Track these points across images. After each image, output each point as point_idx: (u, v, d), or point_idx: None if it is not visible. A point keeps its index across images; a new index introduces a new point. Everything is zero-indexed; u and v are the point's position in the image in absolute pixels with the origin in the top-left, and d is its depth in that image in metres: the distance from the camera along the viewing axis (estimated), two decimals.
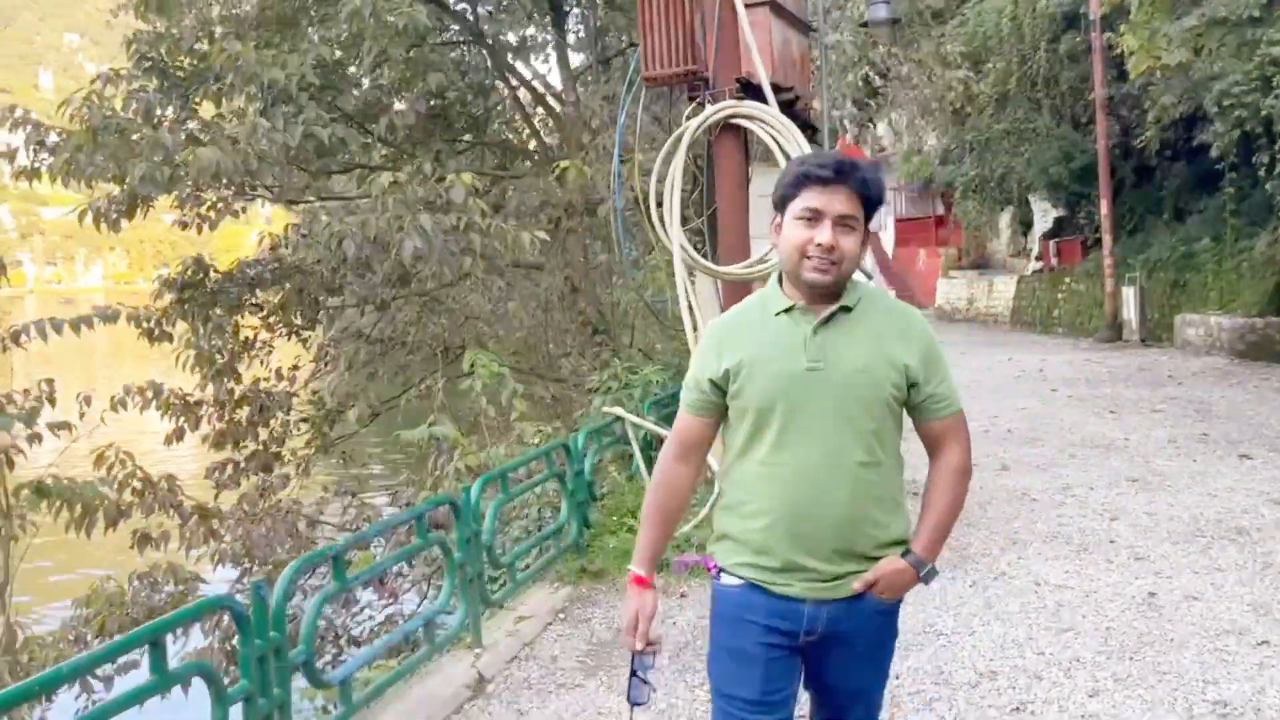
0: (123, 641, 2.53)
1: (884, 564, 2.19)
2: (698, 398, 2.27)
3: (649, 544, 2.30)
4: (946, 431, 2.25)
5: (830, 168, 2.11)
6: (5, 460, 4.18)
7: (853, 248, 2.14)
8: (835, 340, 2.15)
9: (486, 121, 10.35)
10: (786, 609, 2.17)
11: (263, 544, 7.00)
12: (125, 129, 7.33)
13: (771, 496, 2.15)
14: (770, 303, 2.22)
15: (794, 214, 2.14)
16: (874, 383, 2.14)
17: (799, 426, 2.13)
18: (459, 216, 7.08)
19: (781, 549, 2.15)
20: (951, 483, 2.26)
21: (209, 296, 8.95)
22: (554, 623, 4.94)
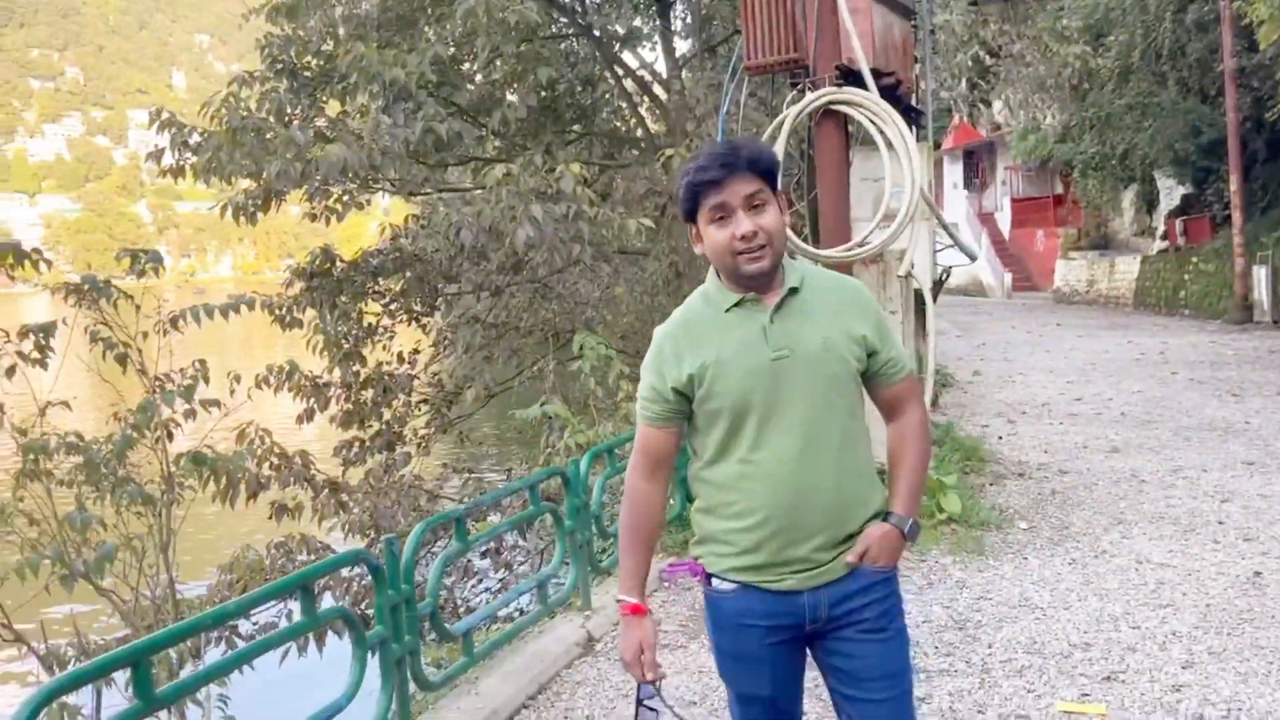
0: (281, 583, 2.89)
1: (869, 532, 2.16)
2: (661, 409, 2.19)
3: (633, 570, 2.25)
4: (904, 393, 2.24)
5: (714, 167, 2.08)
6: (166, 432, 4.65)
7: (773, 223, 2.10)
8: (793, 324, 2.12)
9: (594, 112, 10.65)
10: (785, 604, 2.14)
11: (387, 516, 7.44)
12: (261, 128, 7.85)
13: (758, 494, 2.11)
14: (717, 301, 2.17)
15: (705, 221, 2.12)
16: (839, 359, 2.12)
17: (777, 419, 2.10)
18: (568, 205, 7.37)
19: (774, 545, 2.11)
20: (915, 436, 2.24)
21: (335, 285, 9.46)
22: (658, 590, 5.19)
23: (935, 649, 4.30)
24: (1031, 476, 7.35)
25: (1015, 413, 10.21)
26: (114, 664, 2.36)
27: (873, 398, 2.25)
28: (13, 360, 4.63)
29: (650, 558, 2.30)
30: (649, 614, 2.22)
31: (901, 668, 2.19)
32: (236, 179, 8.17)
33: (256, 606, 3.13)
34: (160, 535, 4.48)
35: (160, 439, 4.64)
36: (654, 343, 2.23)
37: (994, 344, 17.12)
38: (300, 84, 9.53)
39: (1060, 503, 6.60)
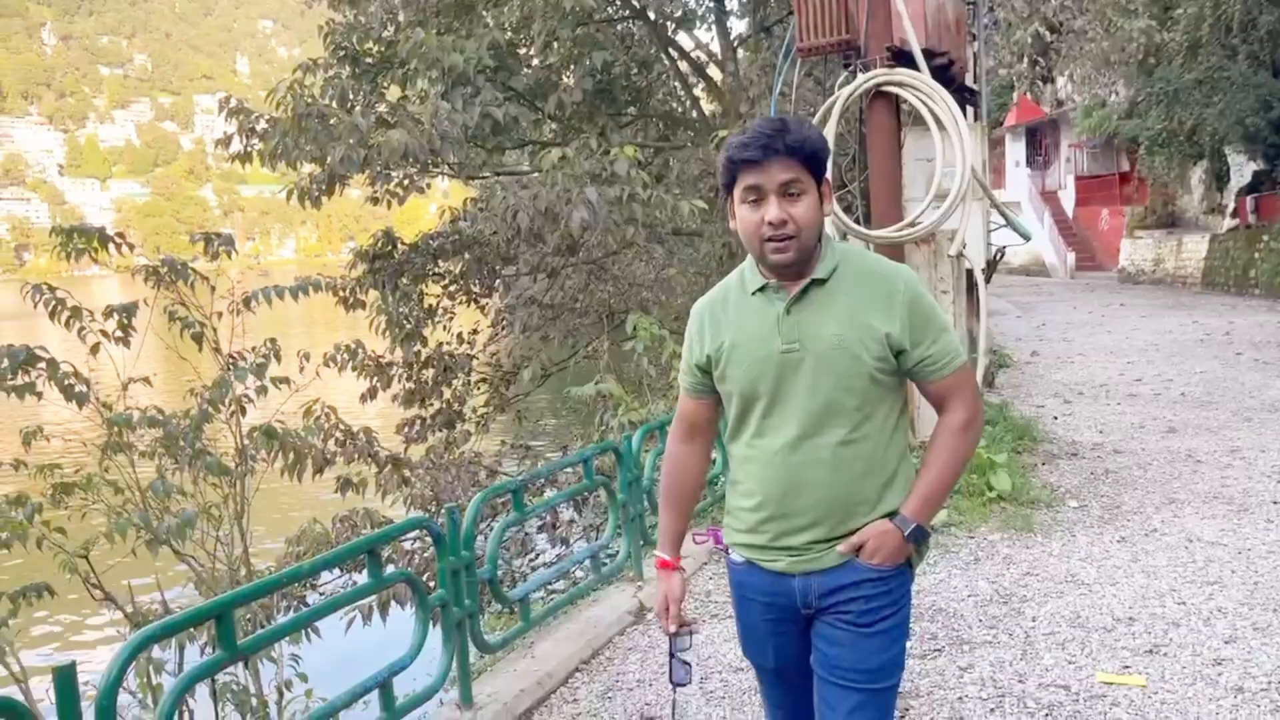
0: (350, 547, 3.08)
1: (868, 528, 2.11)
2: (691, 381, 2.26)
3: (668, 527, 2.32)
4: (947, 391, 2.15)
5: (754, 146, 2.01)
6: (240, 408, 4.90)
7: (806, 214, 2.03)
8: (809, 318, 2.07)
9: (649, 94, 10.74)
10: (778, 584, 2.17)
11: (448, 491, 7.67)
12: (325, 114, 8.09)
13: (756, 479, 2.15)
14: (747, 282, 2.15)
15: (739, 198, 2.06)
16: (852, 358, 2.05)
17: (779, 409, 2.10)
18: (622, 188, 7.50)
19: (769, 529, 2.15)
20: (949, 441, 2.15)
21: (396, 267, 9.72)
22: (709, 563, 5.34)
23: (980, 621, 4.39)
24: (1085, 456, 7.34)
25: (1072, 393, 10.15)
26: (201, 616, 2.56)
27: (920, 391, 2.20)
28: (97, 339, 4.90)
29: (685, 518, 2.33)
30: (679, 569, 2.29)
31: (877, 666, 2.12)
32: (301, 164, 8.43)
33: (328, 567, 3.33)
34: (235, 505, 4.73)
35: (234, 414, 4.88)
36: (691, 317, 2.26)
37: (1054, 324, 16.93)
38: (362, 70, 9.77)
39: (1113, 482, 6.60)
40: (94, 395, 4.66)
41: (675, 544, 2.32)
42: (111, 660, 2.34)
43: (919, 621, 4.40)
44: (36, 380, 4.58)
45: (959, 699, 3.68)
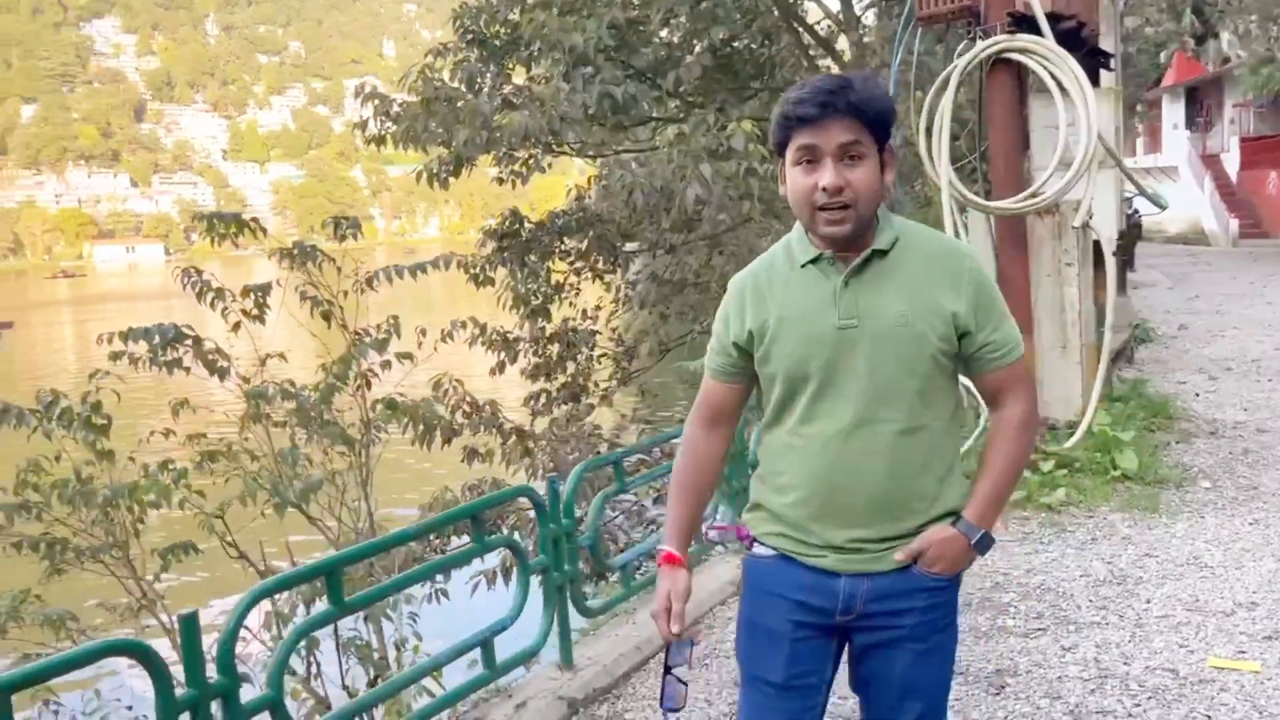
0: (452, 513, 3.28)
1: (931, 532, 1.93)
2: (723, 362, 2.02)
3: (678, 519, 2.05)
4: (1005, 383, 1.96)
5: (811, 102, 1.81)
6: (365, 381, 5.19)
7: (865, 180, 1.84)
8: (869, 291, 1.88)
9: (772, 67, 10.66)
10: (819, 583, 1.94)
11: (569, 462, 7.91)
12: (452, 97, 8.37)
13: (801, 470, 1.93)
14: (796, 253, 1.94)
15: (790, 160, 1.87)
16: (916, 336, 1.87)
17: (832, 393, 1.89)
18: (739, 162, 7.53)
19: (814, 525, 1.92)
20: (1011, 439, 1.98)
21: (524, 245, 10.00)
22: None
23: (1090, 602, 4.29)
24: (1224, 435, 7.01)
25: (1219, 369, 9.65)
26: (313, 573, 2.79)
27: (973, 383, 2.03)
28: (239, 317, 5.27)
29: (699, 511, 2.09)
30: (685, 565, 2.02)
31: (930, 685, 1.99)
32: (431, 146, 8.75)
33: (432, 531, 3.54)
34: (361, 473, 5.03)
35: (360, 387, 5.18)
36: (728, 291, 2.05)
37: (1208, 296, 16.04)
38: (489, 53, 10.03)
39: (1252, 462, 6.29)
40: (234, 370, 5.02)
41: (684, 538, 2.05)
42: (233, 609, 2.57)
43: (1025, 600, 4.34)
44: (184, 356, 4.97)
45: (1058, 678, 3.63)
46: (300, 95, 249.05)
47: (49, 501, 4.44)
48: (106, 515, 4.50)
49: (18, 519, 4.45)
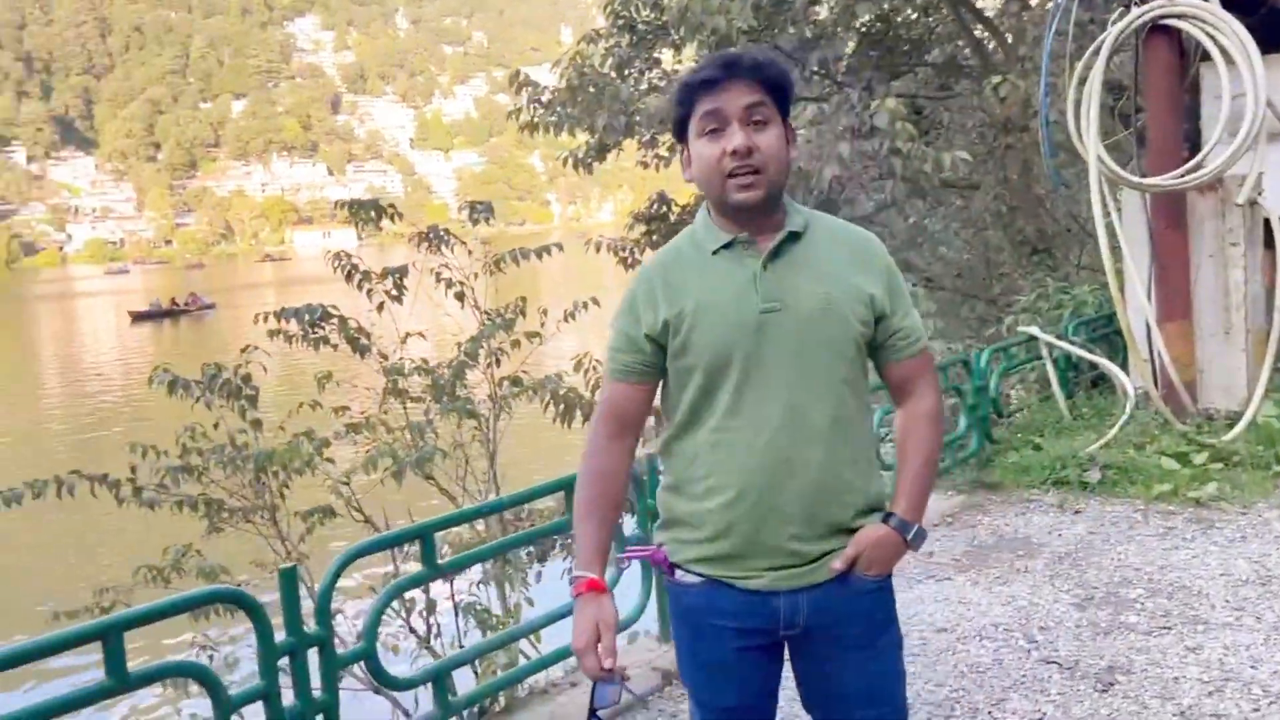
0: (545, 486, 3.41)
1: (864, 534, 1.87)
2: (631, 360, 1.89)
3: (590, 542, 1.90)
4: (915, 372, 1.93)
5: (714, 66, 1.82)
6: (495, 359, 5.43)
7: (773, 144, 1.80)
8: (790, 274, 1.82)
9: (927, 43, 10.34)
10: (756, 606, 1.86)
11: None
12: (597, 83, 8.54)
13: (730, 469, 1.83)
14: (704, 239, 1.88)
15: (696, 131, 1.83)
16: (840, 320, 1.82)
17: (758, 382, 1.81)
18: (881, 141, 7.37)
19: (747, 528, 1.83)
20: (926, 430, 1.94)
21: (671, 228, 10.09)
22: (940, 525, 5.26)
23: (1225, 603, 4.05)
24: None
25: None
26: (406, 536, 2.98)
27: (880, 375, 1.97)
28: (382, 298, 5.60)
29: (610, 530, 1.94)
30: (609, 592, 1.89)
31: (887, 687, 1.96)
32: (578, 131, 8.96)
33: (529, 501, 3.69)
34: (489, 446, 5.27)
35: (490, 364, 5.42)
36: (630, 286, 1.94)
37: None
38: (639, 38, 10.15)
39: None
40: (375, 347, 5.34)
41: (601, 560, 1.90)
42: (330, 566, 2.79)
43: (1153, 597, 4.14)
44: (330, 333, 5.32)
45: (1174, 679, 3.46)
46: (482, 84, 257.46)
47: (208, 465, 4.87)
48: (258, 479, 4.89)
49: (182, 480, 4.89)
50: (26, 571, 12.43)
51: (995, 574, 4.55)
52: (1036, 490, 5.59)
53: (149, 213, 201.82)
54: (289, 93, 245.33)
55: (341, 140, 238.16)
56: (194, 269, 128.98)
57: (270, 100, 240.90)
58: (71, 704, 2.27)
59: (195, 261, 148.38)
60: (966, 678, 3.59)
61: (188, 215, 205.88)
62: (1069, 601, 4.18)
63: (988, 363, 5.98)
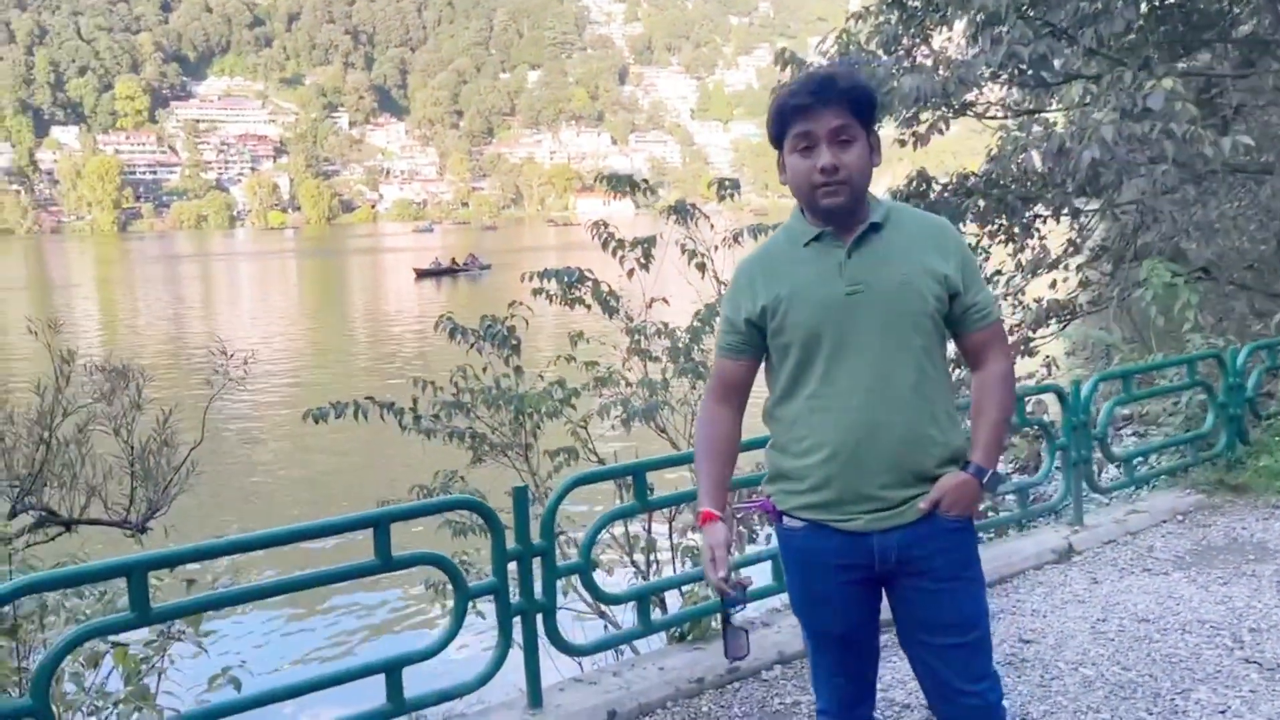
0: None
1: (945, 479, 2.12)
2: (735, 340, 2.21)
3: (709, 478, 2.22)
4: (989, 342, 2.19)
5: (805, 93, 2.06)
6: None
7: (857, 161, 2.07)
8: (871, 260, 2.11)
9: (1226, 17, 9.58)
10: (854, 545, 2.14)
11: None
12: (858, 61, 8.63)
13: (826, 429, 2.11)
14: (797, 234, 2.18)
15: (790, 148, 2.11)
16: (917, 296, 2.09)
17: (847, 354, 2.09)
18: (1153, 123, 7.04)
19: (842, 480, 2.11)
20: (1001, 388, 2.19)
21: (930, 206, 10.02)
22: (1168, 521, 5.13)
23: None
24: None
25: None
26: (620, 472, 3.43)
27: (957, 345, 2.23)
28: (633, 265, 6.10)
29: (726, 473, 2.25)
30: (721, 520, 2.18)
31: (972, 615, 2.19)
32: None
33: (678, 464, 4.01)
34: None
35: None
36: (734, 275, 2.28)
37: None
38: (908, 14, 10.08)
39: None
40: (623, 309, 5.86)
41: (719, 494, 2.21)
42: (556, 489, 3.30)
43: None
44: (584, 295, 5.89)
45: None
46: (766, 55, 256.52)
47: (476, 404, 5.57)
48: (516, 419, 5.54)
49: (455, 415, 5.62)
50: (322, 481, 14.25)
51: (1217, 574, 4.44)
52: None
53: (449, 176, 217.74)
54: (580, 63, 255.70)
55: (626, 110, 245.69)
56: (488, 230, 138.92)
57: (562, 71, 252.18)
58: (347, 574, 2.88)
59: (490, 224, 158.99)
60: (1157, 665, 3.62)
61: (482, 180, 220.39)
62: None
63: (1246, 360, 5.70)
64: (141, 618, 2.47)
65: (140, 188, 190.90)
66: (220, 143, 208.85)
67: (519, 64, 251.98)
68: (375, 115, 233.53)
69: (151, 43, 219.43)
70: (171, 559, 2.69)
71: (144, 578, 2.46)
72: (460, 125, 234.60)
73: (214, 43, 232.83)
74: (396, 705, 2.92)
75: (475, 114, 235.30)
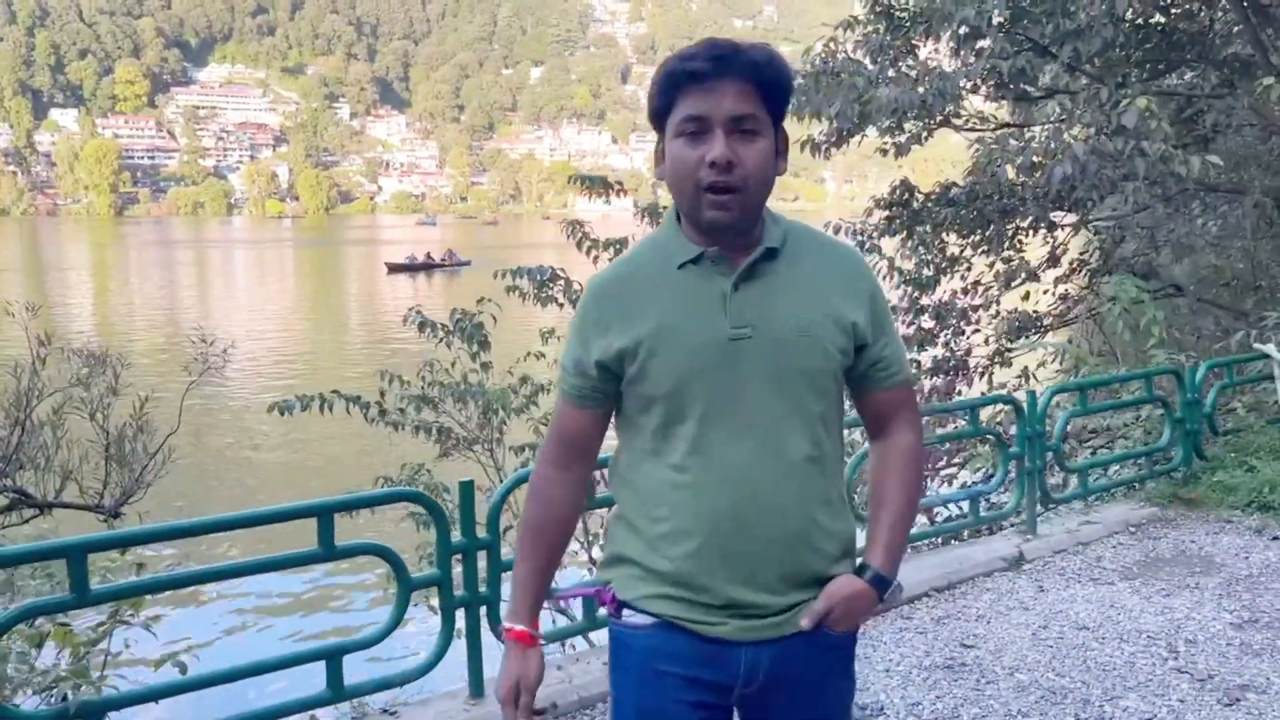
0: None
1: (837, 587, 1.67)
2: (580, 384, 1.69)
3: (527, 582, 1.72)
4: (896, 405, 1.73)
5: (703, 57, 1.56)
6: None
7: (758, 160, 1.57)
8: (763, 296, 1.61)
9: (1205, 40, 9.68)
10: (716, 655, 1.65)
11: None
12: (839, 71, 8.72)
13: (695, 512, 1.62)
14: (669, 251, 1.65)
15: (674, 130, 1.59)
16: (818, 349, 1.62)
17: (726, 415, 1.60)
18: (1126, 141, 7.15)
19: (712, 581, 1.62)
20: (910, 469, 1.74)
21: (914, 215, 10.10)
22: (1120, 533, 5.22)
23: None
24: None
25: None
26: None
27: (856, 406, 1.78)
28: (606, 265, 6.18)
29: (552, 569, 1.76)
30: (538, 644, 1.71)
31: None
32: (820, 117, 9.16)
33: None
34: None
35: None
36: (582, 299, 1.73)
37: None
38: (895, 25, 10.17)
39: None
40: None
41: (535, 606, 1.73)
42: (501, 485, 3.36)
43: None
44: (556, 293, 5.97)
45: None
46: None
47: (444, 398, 5.64)
48: (484, 415, 5.62)
49: (423, 409, 5.70)
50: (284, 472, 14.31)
51: (1160, 586, 4.53)
52: (1238, 512, 5.41)
53: (449, 170, 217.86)
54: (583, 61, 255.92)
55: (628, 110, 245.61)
56: (489, 225, 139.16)
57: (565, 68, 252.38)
58: (288, 562, 2.95)
59: (491, 219, 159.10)
60: (1090, 672, 3.70)
61: (482, 175, 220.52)
62: (1229, 621, 4.13)
63: (1203, 377, 5.79)
64: (80, 598, 2.53)
65: (138, 172, 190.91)
66: (220, 130, 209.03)
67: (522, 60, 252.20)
68: (376, 107, 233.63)
69: (153, 27, 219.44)
70: (112, 541, 2.75)
71: (84, 559, 2.51)
72: (461, 119, 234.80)
73: (216, 29, 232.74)
74: (336, 692, 2.99)
75: (477, 108, 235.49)
